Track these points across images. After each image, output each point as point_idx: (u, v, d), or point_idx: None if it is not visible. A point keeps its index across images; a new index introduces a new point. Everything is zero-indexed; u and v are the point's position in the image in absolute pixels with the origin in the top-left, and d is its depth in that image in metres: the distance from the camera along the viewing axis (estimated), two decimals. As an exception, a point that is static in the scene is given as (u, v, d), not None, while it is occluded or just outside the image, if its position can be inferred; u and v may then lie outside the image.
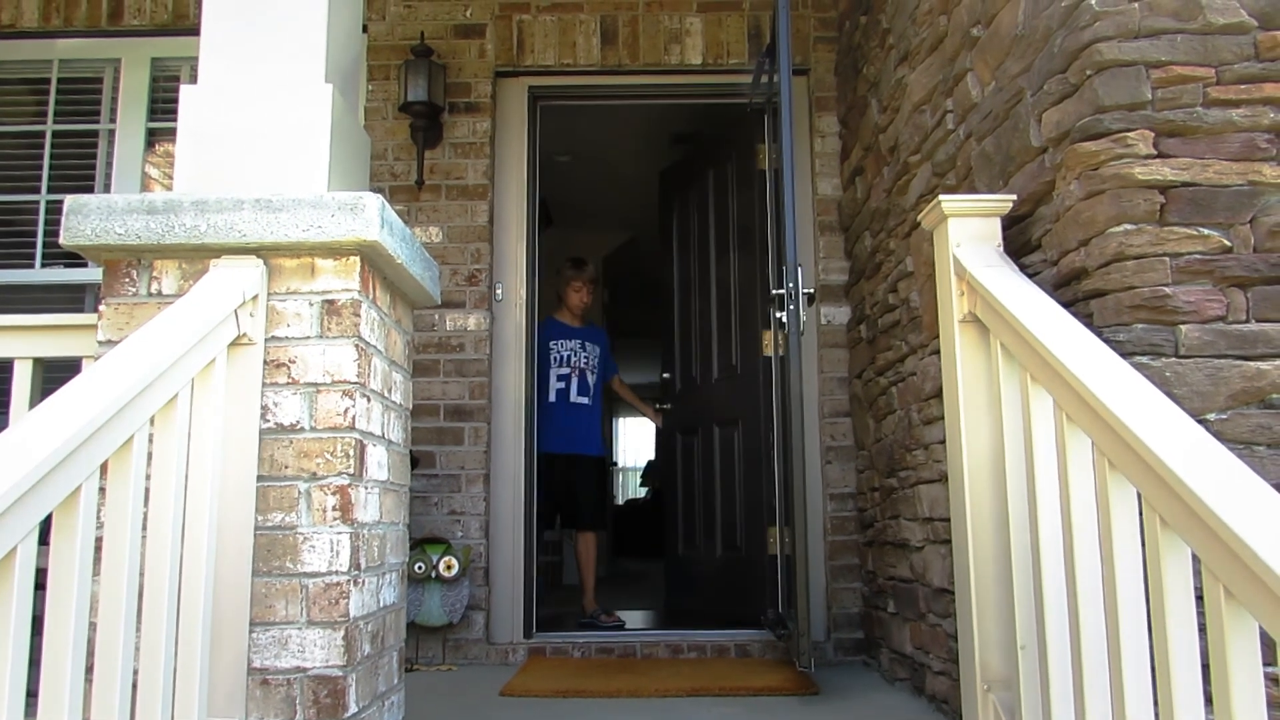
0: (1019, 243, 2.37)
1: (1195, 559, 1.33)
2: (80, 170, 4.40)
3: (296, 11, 2.20)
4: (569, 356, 4.95)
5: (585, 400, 4.94)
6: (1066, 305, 2.02)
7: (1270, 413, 1.91)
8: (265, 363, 1.96)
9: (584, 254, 5.37)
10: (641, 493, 12.20)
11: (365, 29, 4.24)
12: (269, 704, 1.86)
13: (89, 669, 1.43)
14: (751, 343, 4.39)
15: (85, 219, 1.96)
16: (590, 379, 4.99)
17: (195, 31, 2.36)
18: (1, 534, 1.17)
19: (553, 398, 4.85)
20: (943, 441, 2.56)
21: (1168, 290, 1.96)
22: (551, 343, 4.91)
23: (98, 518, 1.44)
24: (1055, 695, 1.74)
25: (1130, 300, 1.96)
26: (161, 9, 4.40)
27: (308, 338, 1.98)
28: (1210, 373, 1.93)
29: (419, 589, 3.82)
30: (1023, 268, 2.23)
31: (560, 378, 4.90)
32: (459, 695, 3.34)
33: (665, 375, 5.28)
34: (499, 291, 4.33)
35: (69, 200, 1.97)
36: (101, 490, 1.49)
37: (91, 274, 4.09)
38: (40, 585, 1.29)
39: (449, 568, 3.82)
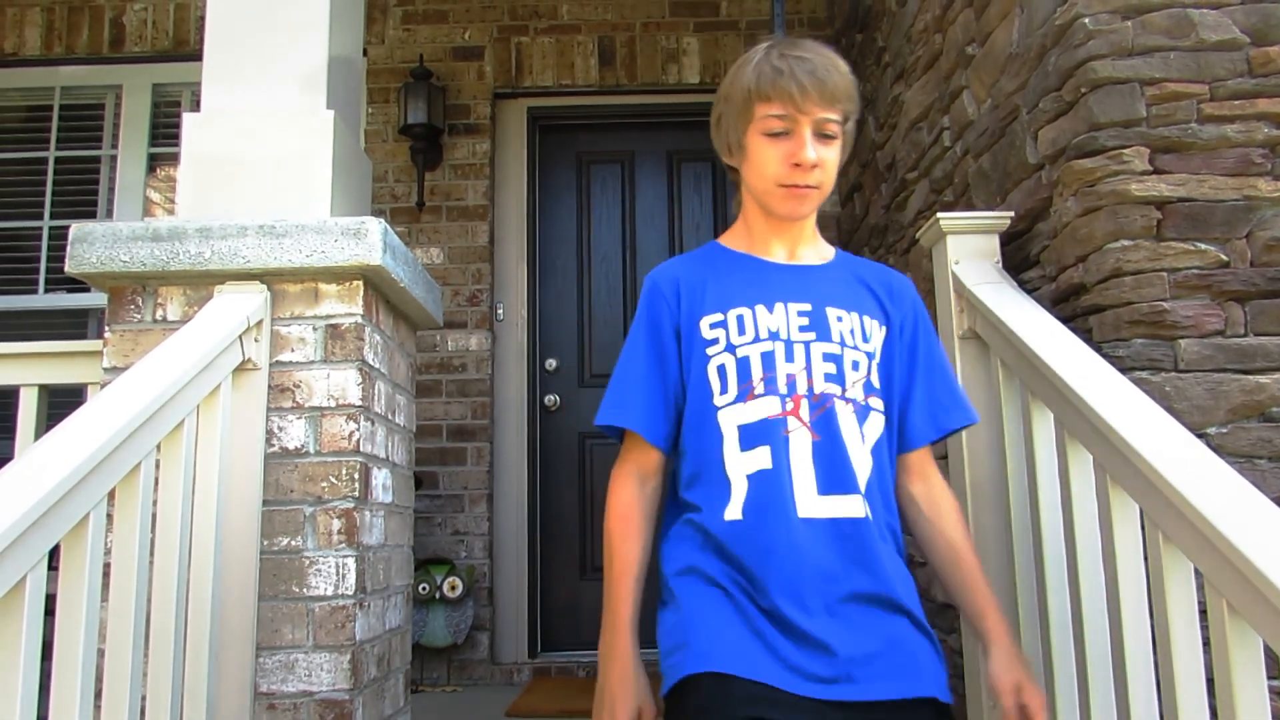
0: (1017, 259, 2.38)
1: (1199, 574, 1.34)
2: (83, 196, 4.42)
3: (297, 39, 2.22)
4: (771, 357, 1.37)
5: (850, 502, 1.33)
6: (1065, 321, 2.03)
7: (1270, 426, 1.92)
8: (270, 388, 1.97)
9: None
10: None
11: (365, 53, 4.28)
12: (276, 728, 1.86)
13: (98, 694, 1.44)
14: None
15: (90, 247, 1.97)
16: (865, 429, 1.38)
17: (196, 57, 2.38)
18: (12, 562, 1.18)
19: (731, 502, 1.33)
20: (945, 457, 2.56)
21: (1166, 305, 1.97)
22: (703, 321, 1.42)
23: (105, 545, 1.45)
24: (1061, 710, 1.74)
25: (1129, 315, 1.97)
26: (162, 35, 4.44)
27: (312, 362, 1.99)
28: (1210, 387, 1.94)
29: (423, 610, 3.82)
30: (1021, 284, 2.24)
31: (751, 434, 1.34)
32: (464, 716, 3.34)
33: None
34: (500, 311, 4.34)
35: (74, 228, 1.98)
36: (109, 517, 1.50)
37: (95, 299, 4.10)
38: (50, 611, 1.30)
39: (453, 588, 3.81)
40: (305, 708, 1.86)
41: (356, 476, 1.95)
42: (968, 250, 2.25)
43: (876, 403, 1.40)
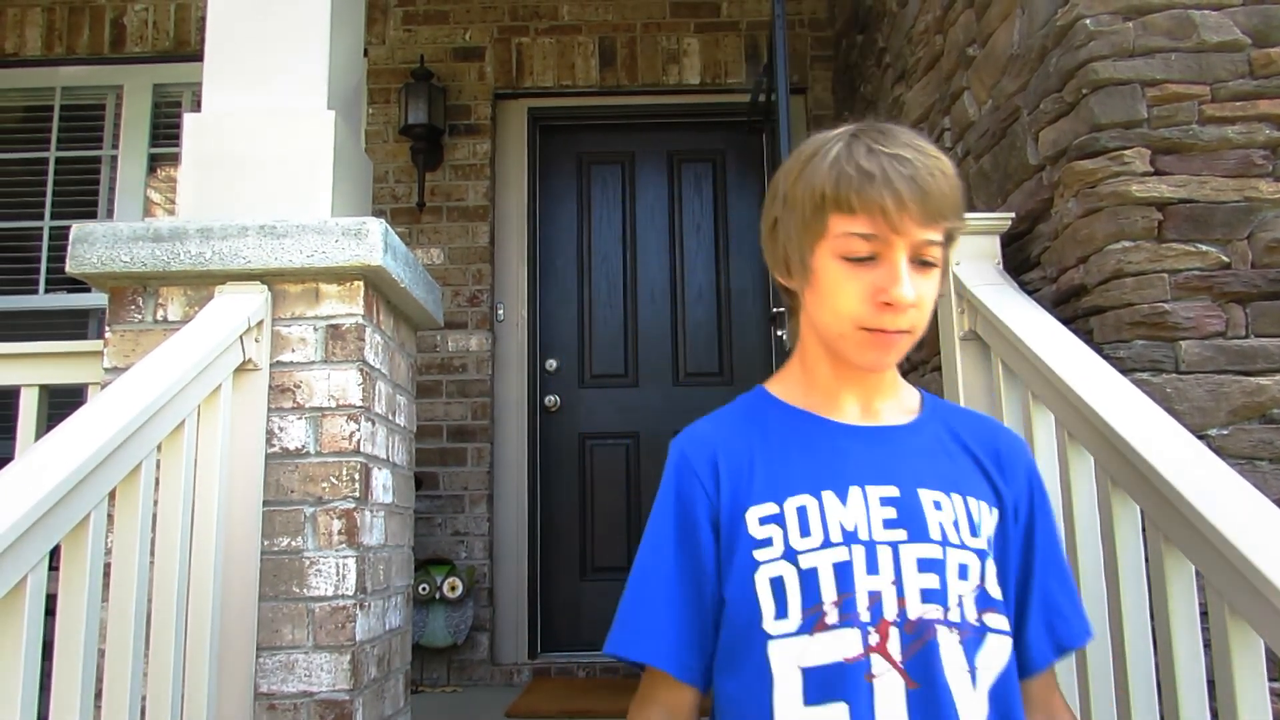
0: (1018, 260, 2.38)
1: (1200, 575, 1.34)
2: (83, 196, 4.42)
3: (298, 40, 2.22)
4: (848, 569, 0.98)
5: None
6: (1066, 322, 2.03)
7: (1271, 427, 1.92)
8: (270, 388, 1.97)
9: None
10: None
11: (365, 53, 4.29)
12: (276, 729, 1.86)
13: (98, 694, 1.44)
14: (748, 356, 4.40)
15: (91, 247, 1.97)
16: (980, 664, 0.98)
17: (196, 58, 2.39)
18: (13, 563, 1.18)
19: None
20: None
21: (1167, 306, 1.97)
22: (750, 513, 1.03)
23: (106, 545, 1.45)
24: (1062, 712, 1.74)
25: (1130, 317, 1.97)
26: (163, 36, 4.44)
27: (312, 362, 1.99)
28: (1211, 388, 1.94)
29: (423, 610, 3.82)
30: (1022, 285, 2.24)
31: (821, 681, 0.95)
32: (464, 717, 3.34)
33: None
34: (500, 312, 4.34)
35: (75, 229, 1.98)
36: (109, 517, 1.50)
37: (95, 299, 4.10)
38: (50, 611, 1.30)
39: (453, 589, 3.81)
40: (305, 708, 1.86)
41: (357, 477, 1.95)
42: (969, 251, 2.25)
43: (997, 621, 1.00)
